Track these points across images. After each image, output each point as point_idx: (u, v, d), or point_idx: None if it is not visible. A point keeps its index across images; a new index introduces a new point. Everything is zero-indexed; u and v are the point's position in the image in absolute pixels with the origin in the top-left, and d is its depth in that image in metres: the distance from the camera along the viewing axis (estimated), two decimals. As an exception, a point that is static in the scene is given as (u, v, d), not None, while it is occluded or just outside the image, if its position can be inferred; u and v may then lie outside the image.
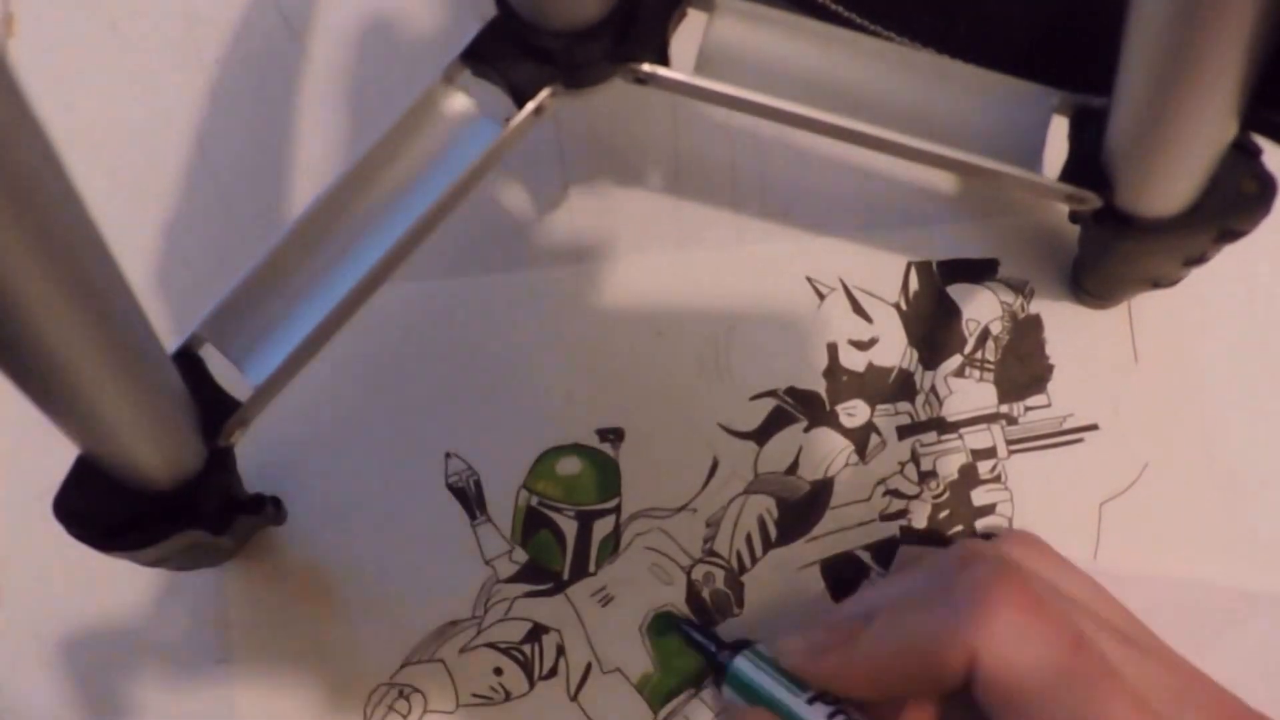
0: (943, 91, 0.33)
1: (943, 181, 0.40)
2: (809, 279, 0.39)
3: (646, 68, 0.32)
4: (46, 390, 0.24)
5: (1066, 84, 0.33)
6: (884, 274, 0.39)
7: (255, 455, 0.36)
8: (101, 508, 0.29)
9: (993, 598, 0.27)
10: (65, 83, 0.41)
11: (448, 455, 0.38)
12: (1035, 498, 0.37)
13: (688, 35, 0.33)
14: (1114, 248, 0.34)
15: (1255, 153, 0.32)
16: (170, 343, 0.30)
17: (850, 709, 0.31)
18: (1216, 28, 0.25)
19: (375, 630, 0.36)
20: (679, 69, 0.32)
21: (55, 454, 0.28)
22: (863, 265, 0.39)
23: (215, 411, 0.30)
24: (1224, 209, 0.32)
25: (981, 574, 0.28)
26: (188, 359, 0.31)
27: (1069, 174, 0.33)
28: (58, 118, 0.41)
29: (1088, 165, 0.32)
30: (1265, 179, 0.32)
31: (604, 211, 0.40)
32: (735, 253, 0.39)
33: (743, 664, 0.34)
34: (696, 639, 0.36)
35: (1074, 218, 0.35)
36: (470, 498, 0.37)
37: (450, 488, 0.37)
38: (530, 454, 0.38)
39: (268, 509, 0.35)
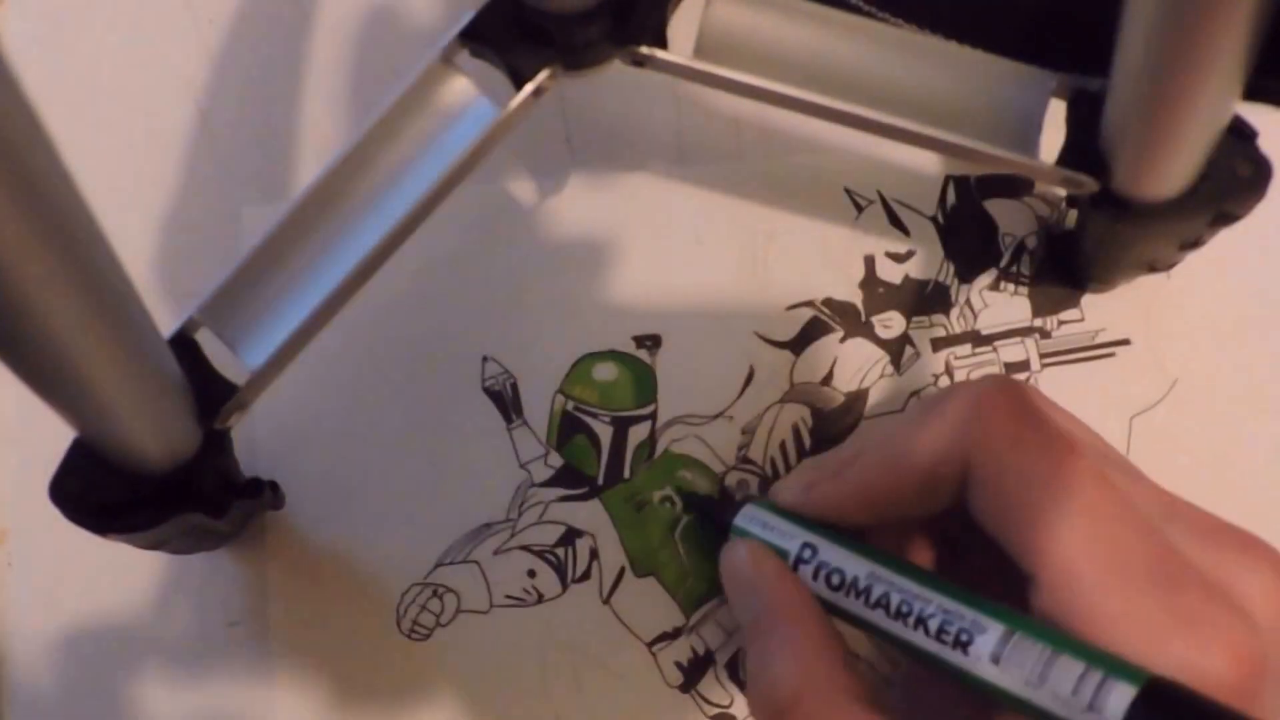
0: (939, 75, 0.33)
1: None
2: (847, 190, 0.39)
3: (645, 50, 0.32)
4: (41, 374, 0.24)
5: (1068, 66, 0.33)
6: (922, 188, 0.39)
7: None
8: (98, 491, 0.29)
9: (985, 404, 0.26)
10: (58, 51, 0.40)
11: (485, 359, 0.37)
12: (1067, 409, 0.38)
13: (688, 18, 0.33)
14: (1110, 231, 0.34)
15: (1250, 136, 0.32)
16: (167, 326, 0.30)
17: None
18: (1212, 5, 0.24)
19: (410, 531, 0.36)
20: (678, 52, 0.32)
21: (63, 436, 0.28)
22: (901, 179, 0.39)
23: (212, 395, 0.30)
24: (1219, 192, 0.32)
25: (973, 387, 0.27)
26: (184, 343, 0.30)
27: (1066, 158, 0.32)
28: (50, 89, 0.40)
29: (1085, 149, 0.32)
30: (1260, 162, 0.32)
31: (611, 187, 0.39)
32: (775, 164, 0.39)
33: (744, 519, 0.31)
34: (697, 503, 0.35)
35: (1071, 201, 0.35)
36: (507, 401, 0.37)
37: (487, 391, 0.37)
38: (567, 359, 0.38)
39: (265, 493, 0.35)
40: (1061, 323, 0.38)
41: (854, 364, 0.38)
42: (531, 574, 0.36)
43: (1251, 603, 0.24)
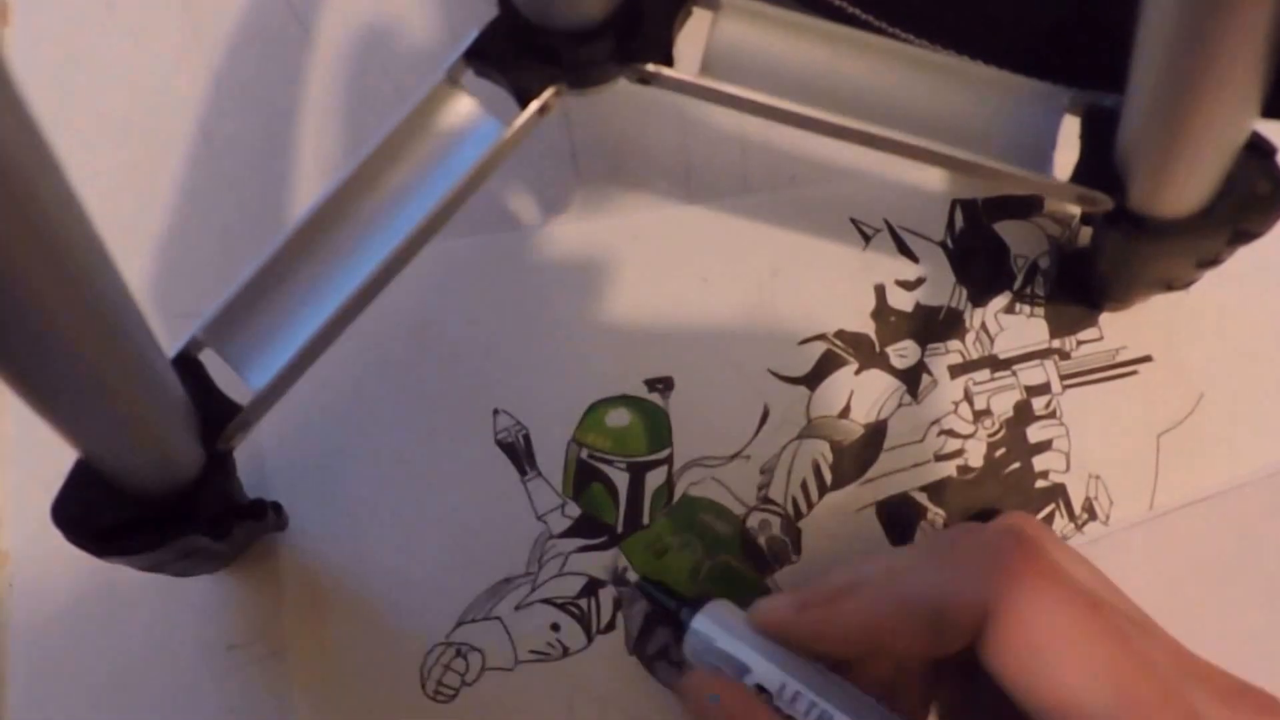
0: (952, 92, 0.32)
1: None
2: (853, 220, 0.39)
3: (651, 68, 0.31)
4: (44, 394, 0.23)
5: (1083, 81, 0.32)
6: (928, 213, 0.39)
7: (298, 418, 0.36)
8: (100, 513, 0.29)
9: (1009, 558, 0.26)
10: (61, 72, 0.40)
11: (495, 411, 0.37)
12: (1091, 431, 0.37)
13: (694, 35, 0.32)
14: (1126, 250, 0.34)
15: (1269, 153, 0.31)
16: (170, 346, 0.29)
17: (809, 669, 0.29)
18: (1231, 21, 0.24)
19: (430, 590, 0.36)
20: (684, 69, 0.32)
21: (65, 458, 0.28)
22: (907, 205, 0.39)
23: (215, 416, 0.30)
24: (1238, 210, 0.31)
25: (993, 537, 0.27)
26: (187, 363, 0.30)
27: (1080, 175, 0.32)
28: (56, 109, 0.40)
29: (1099, 166, 0.32)
30: (1279, 179, 0.31)
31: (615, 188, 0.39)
32: (778, 196, 0.39)
33: (703, 621, 0.31)
34: (658, 597, 0.34)
35: (1086, 219, 0.34)
36: (520, 453, 0.37)
37: (499, 444, 0.37)
38: (579, 406, 0.37)
39: (269, 515, 0.34)
40: (1080, 343, 0.38)
41: (871, 395, 0.37)
42: (555, 627, 0.36)
43: None
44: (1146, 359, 0.38)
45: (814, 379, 0.37)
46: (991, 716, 0.27)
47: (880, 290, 0.38)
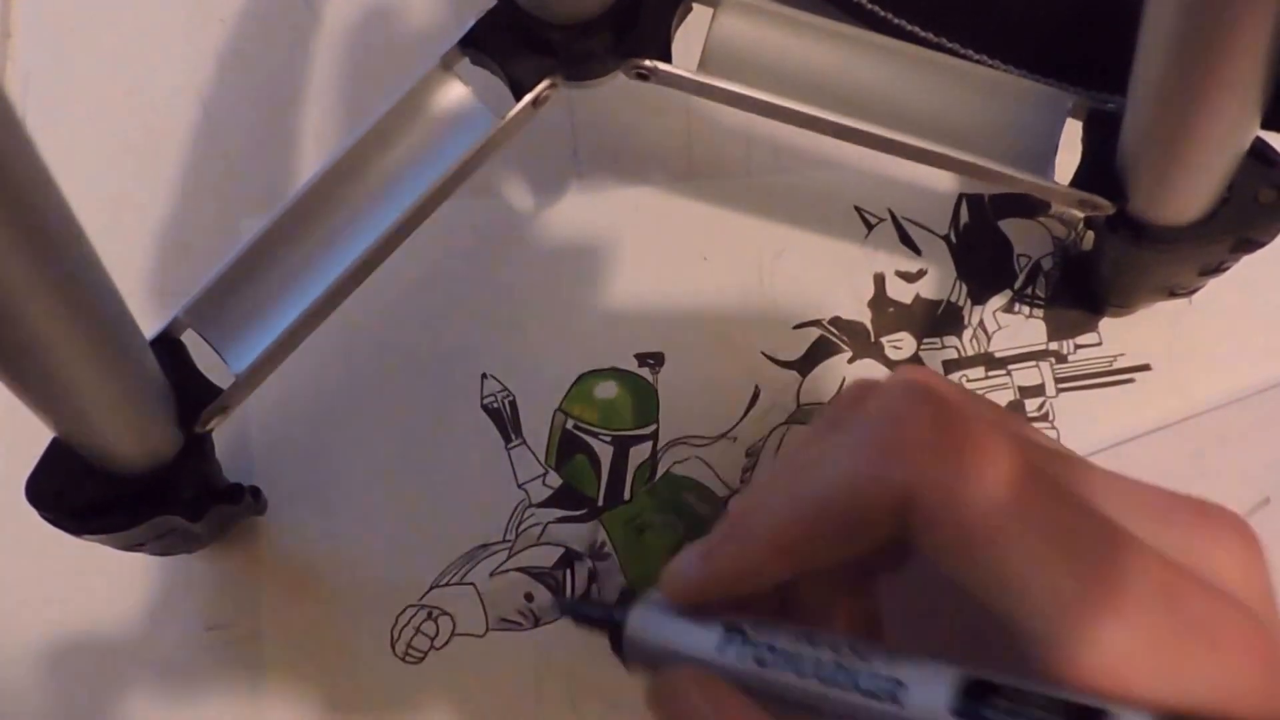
0: (952, 92, 0.32)
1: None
2: (857, 208, 0.38)
3: (648, 63, 0.31)
4: (17, 372, 0.23)
5: (1093, 82, 0.32)
6: (934, 206, 0.38)
7: (282, 379, 0.36)
8: (74, 491, 0.29)
9: (917, 421, 0.21)
10: (65, 48, 0.39)
11: (484, 376, 0.37)
12: (1083, 437, 0.37)
13: (693, 31, 0.32)
14: (1128, 255, 0.33)
15: (1274, 161, 0.30)
16: (153, 327, 0.29)
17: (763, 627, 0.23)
18: (1234, 25, 0.24)
19: (405, 551, 0.36)
20: (682, 65, 0.31)
21: (41, 436, 0.28)
22: (913, 196, 0.38)
23: (194, 398, 0.30)
24: (1241, 218, 0.31)
25: (892, 401, 0.22)
26: (168, 344, 0.30)
27: (1081, 179, 0.31)
28: (57, 86, 0.39)
29: (1101, 170, 0.31)
30: None
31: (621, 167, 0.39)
32: (784, 179, 0.38)
33: (638, 622, 0.25)
34: (587, 613, 0.27)
35: (1087, 224, 0.34)
36: (505, 420, 0.36)
37: (485, 409, 0.37)
38: (568, 377, 0.37)
39: (246, 498, 0.34)
40: (1078, 346, 0.37)
41: (863, 386, 0.37)
42: (529, 597, 0.36)
43: (1228, 577, 0.21)
44: (1145, 368, 0.37)
45: (806, 364, 0.37)
46: (929, 602, 0.23)
47: (880, 280, 0.38)
